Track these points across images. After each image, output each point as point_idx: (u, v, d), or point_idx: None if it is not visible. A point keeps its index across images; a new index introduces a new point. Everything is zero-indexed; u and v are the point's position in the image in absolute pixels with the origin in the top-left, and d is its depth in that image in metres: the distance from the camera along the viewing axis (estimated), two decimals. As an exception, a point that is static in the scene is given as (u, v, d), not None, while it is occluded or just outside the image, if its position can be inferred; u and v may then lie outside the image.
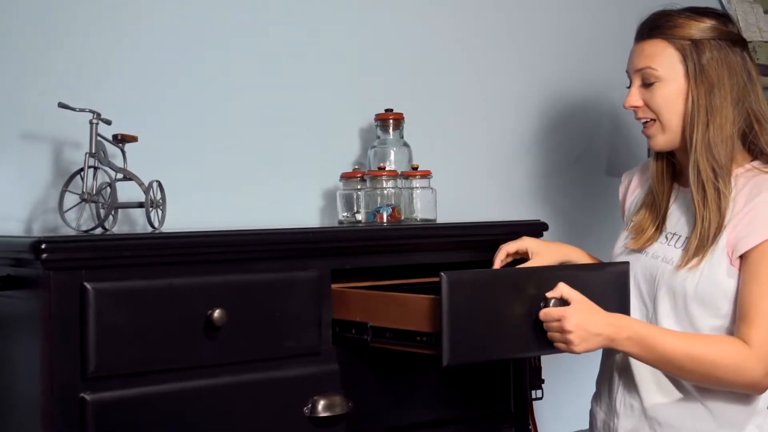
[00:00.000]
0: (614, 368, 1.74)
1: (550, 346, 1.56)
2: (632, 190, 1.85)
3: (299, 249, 1.66)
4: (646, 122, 1.68)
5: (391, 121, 2.09)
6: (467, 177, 2.35)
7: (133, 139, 1.78)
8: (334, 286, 1.70)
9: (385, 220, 1.97)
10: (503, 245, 1.76)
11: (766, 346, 1.55)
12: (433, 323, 1.51)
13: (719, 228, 1.62)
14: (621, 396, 1.72)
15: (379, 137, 2.11)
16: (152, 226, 1.74)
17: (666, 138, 1.67)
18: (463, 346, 1.48)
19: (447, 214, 2.15)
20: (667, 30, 1.64)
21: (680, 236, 1.69)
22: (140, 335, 1.50)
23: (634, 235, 1.74)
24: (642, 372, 1.69)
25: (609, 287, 1.62)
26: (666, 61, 1.63)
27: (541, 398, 2.00)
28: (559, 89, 2.49)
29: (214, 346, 1.56)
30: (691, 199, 1.66)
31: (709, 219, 1.62)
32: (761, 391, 1.59)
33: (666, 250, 1.69)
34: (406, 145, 2.11)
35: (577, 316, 1.53)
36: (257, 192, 2.05)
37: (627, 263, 1.65)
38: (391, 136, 2.09)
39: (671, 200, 1.74)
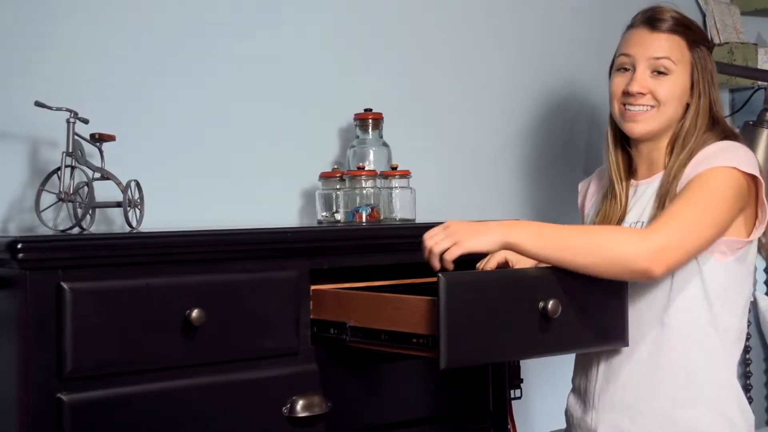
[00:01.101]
0: (591, 364, 1.76)
1: (553, 348, 1.55)
2: (590, 197, 1.90)
3: (277, 249, 1.65)
4: (640, 109, 1.73)
5: (370, 120, 2.08)
6: (446, 177, 2.34)
7: (111, 138, 1.77)
8: (313, 286, 1.69)
9: (364, 219, 1.96)
10: (481, 264, 1.73)
11: (667, 227, 1.57)
12: (430, 325, 1.49)
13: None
14: (598, 390, 1.74)
15: (358, 137, 2.10)
16: (130, 225, 1.73)
17: (654, 127, 1.73)
18: (461, 348, 1.46)
19: (426, 214, 2.15)
20: (685, 32, 1.74)
21: (644, 222, 1.73)
22: (118, 335, 1.49)
23: None
24: (619, 365, 1.71)
25: (607, 288, 1.62)
26: (682, 59, 1.73)
27: (519, 397, 1.97)
28: (539, 89, 2.49)
29: (192, 346, 1.55)
30: (656, 187, 1.72)
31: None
32: (653, 270, 1.56)
33: None
34: (385, 144, 2.10)
35: (459, 222, 1.55)
36: (236, 192, 2.04)
37: None
38: (371, 136, 2.09)
39: (630, 195, 1.78)
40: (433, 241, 1.56)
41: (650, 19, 1.74)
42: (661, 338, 1.69)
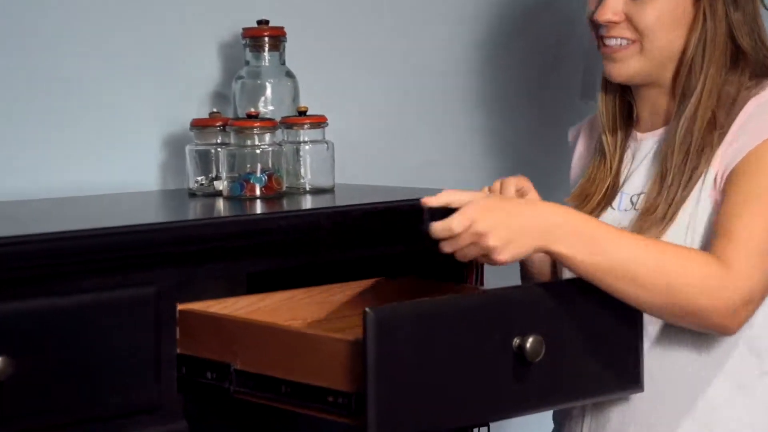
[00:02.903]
0: (573, 409, 1.82)
1: (534, 404, 1.58)
2: (580, 152, 1.97)
3: (126, 257, 1.60)
4: (616, 43, 1.78)
5: (266, 39, 2.04)
6: (379, 121, 2.34)
7: None
8: (180, 306, 1.66)
9: (257, 193, 1.92)
10: (500, 184, 1.74)
11: (748, 267, 1.63)
12: (354, 378, 1.47)
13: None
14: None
15: (248, 63, 2.06)
16: None
17: (641, 67, 1.77)
18: (398, 413, 1.45)
19: (349, 177, 2.13)
20: None
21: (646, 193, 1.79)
22: None
23: (574, 206, 1.81)
24: (608, 408, 1.76)
25: (612, 312, 1.63)
26: None
27: None
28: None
29: (-3, 408, 1.52)
30: (654, 146, 1.80)
31: (694, 164, 1.74)
32: (731, 328, 1.64)
33: (629, 218, 1.77)
34: (289, 75, 2.07)
35: (488, 212, 1.58)
36: (65, 146, 2.01)
37: None
38: (267, 63, 2.05)
39: (630, 154, 1.84)
40: (456, 247, 1.58)
41: None
42: (664, 363, 1.73)
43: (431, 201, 1.59)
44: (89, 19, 2.03)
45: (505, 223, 1.57)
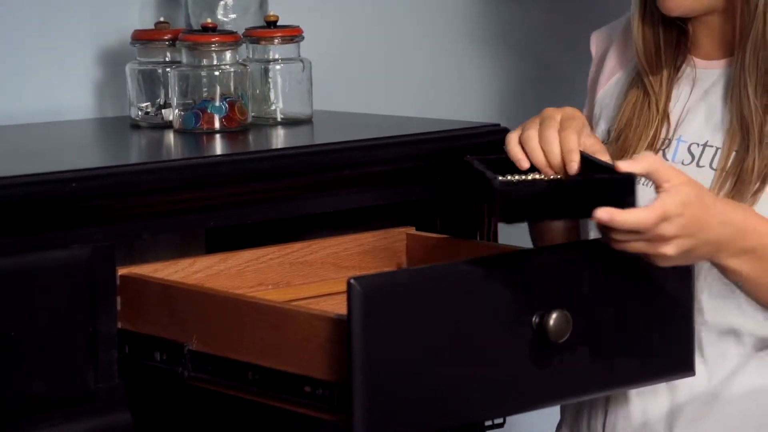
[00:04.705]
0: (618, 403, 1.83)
1: (558, 394, 1.60)
2: (609, 70, 1.94)
3: (52, 211, 1.59)
4: None
5: None
6: (366, 34, 2.38)
7: None
8: (122, 271, 1.66)
9: (216, 125, 1.92)
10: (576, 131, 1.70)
11: None
12: (337, 365, 1.47)
13: None
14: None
15: None
16: None
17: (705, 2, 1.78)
18: (392, 408, 1.46)
19: (331, 105, 2.15)
20: None
21: (714, 147, 1.78)
22: None
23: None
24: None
25: (656, 282, 1.64)
26: None
27: (502, 425, 1.95)
28: None
29: None
30: (724, 81, 1.80)
31: None
32: None
33: (700, 178, 1.71)
34: None
35: (684, 208, 1.56)
36: None
37: None
38: None
39: (680, 82, 1.83)
40: (625, 239, 1.56)
41: None
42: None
43: (627, 166, 1.54)
44: None
45: (692, 232, 1.56)
